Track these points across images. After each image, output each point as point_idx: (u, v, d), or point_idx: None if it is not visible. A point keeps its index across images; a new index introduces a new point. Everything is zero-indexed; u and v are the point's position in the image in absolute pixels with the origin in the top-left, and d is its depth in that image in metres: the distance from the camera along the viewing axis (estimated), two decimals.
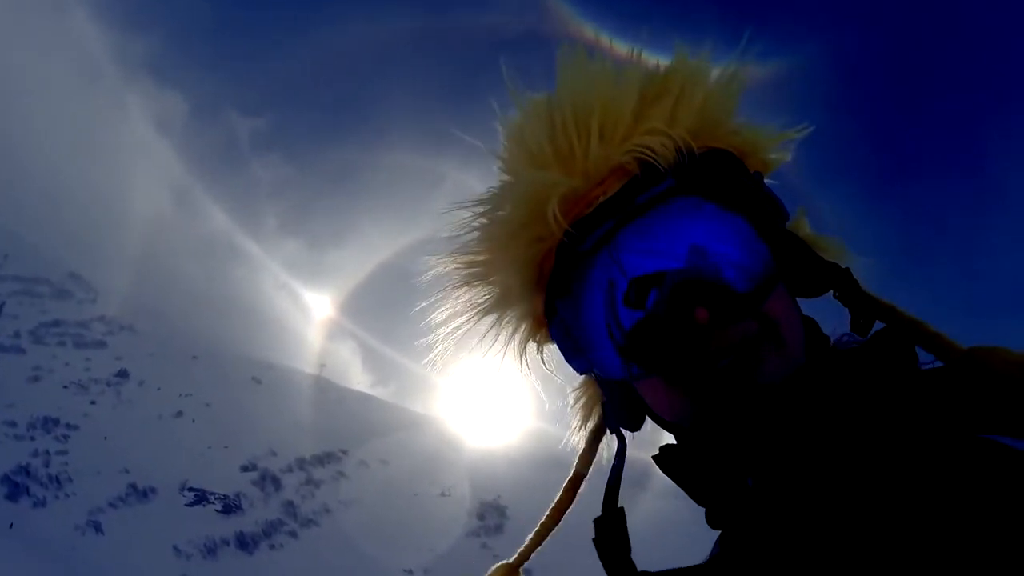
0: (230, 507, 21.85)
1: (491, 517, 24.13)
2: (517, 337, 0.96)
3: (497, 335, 0.95)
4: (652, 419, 0.91)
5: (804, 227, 0.92)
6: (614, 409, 0.92)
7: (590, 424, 1.00)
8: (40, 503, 19.41)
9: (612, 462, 0.93)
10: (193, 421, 27.75)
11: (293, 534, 21.66)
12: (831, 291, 0.87)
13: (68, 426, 24.25)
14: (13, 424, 23.27)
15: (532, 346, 0.98)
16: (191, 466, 23.29)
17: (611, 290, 0.81)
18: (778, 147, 0.91)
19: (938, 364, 0.82)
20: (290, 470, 25.65)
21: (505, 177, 0.90)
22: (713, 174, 0.82)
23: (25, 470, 20.36)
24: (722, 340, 0.74)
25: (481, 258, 0.90)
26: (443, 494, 25.99)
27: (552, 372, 1.00)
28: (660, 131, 0.80)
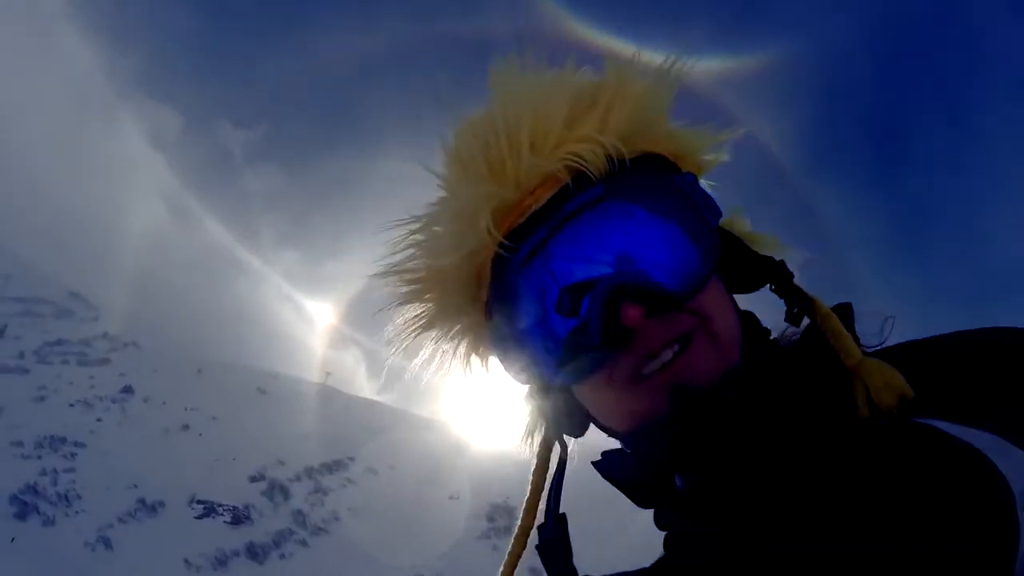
0: (239, 518, 21.89)
1: (501, 519, 24.13)
2: (460, 351, 0.95)
3: (441, 350, 0.94)
4: (595, 424, 0.91)
5: (741, 224, 0.92)
6: (556, 417, 0.92)
7: (537, 434, 1.00)
8: (49, 521, 19.44)
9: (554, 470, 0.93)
10: (200, 434, 27.80)
11: (303, 543, 21.71)
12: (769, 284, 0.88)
13: (75, 444, 24.29)
14: (20, 444, 23.31)
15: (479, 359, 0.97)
16: (199, 479, 23.34)
17: (543, 299, 0.81)
18: (713, 149, 0.90)
19: (877, 347, 0.84)
20: (298, 479, 25.70)
21: (442, 194, 0.90)
22: (643, 179, 0.82)
23: (33, 489, 20.41)
24: (655, 337, 0.74)
25: (418, 275, 0.89)
26: (452, 497, 26.03)
27: (504, 383, 0.98)
28: (590, 138, 0.80)
